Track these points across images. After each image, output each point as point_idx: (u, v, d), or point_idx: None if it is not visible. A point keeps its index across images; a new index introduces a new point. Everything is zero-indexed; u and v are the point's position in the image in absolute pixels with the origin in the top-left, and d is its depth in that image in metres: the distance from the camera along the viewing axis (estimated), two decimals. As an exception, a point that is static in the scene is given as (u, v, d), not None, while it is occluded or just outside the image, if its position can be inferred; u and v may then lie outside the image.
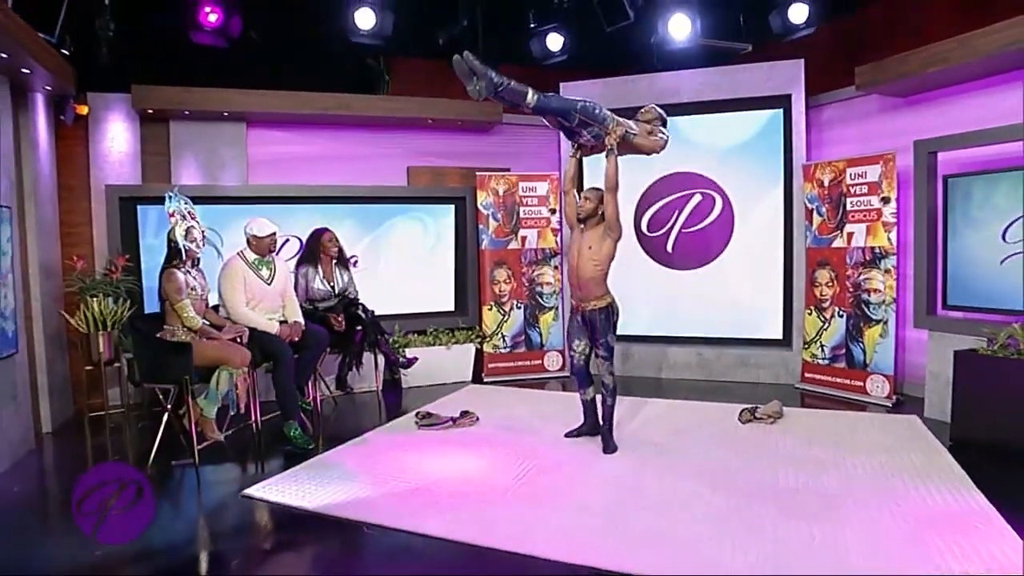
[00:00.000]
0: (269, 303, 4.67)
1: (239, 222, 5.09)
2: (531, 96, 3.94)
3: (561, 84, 6.64)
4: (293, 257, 5.80)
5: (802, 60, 6.05)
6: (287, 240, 5.98)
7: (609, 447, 4.21)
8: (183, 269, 4.19)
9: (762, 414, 4.87)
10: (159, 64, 5.87)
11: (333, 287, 5.32)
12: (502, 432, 4.69)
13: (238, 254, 4.67)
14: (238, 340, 4.31)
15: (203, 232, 4.34)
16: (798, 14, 5.68)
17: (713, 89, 6.27)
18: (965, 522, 3.10)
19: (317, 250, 5.33)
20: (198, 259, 4.34)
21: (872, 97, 5.74)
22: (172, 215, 4.21)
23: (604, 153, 4.15)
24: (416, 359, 5.72)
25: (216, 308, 4.64)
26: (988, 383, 4.17)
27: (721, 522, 3.18)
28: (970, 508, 3.26)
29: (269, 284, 4.67)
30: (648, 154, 4.39)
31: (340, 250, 5.42)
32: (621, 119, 4.23)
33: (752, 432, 4.62)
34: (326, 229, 5.40)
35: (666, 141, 4.38)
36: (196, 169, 6.07)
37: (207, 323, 4.29)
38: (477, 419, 4.93)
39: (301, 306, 4.98)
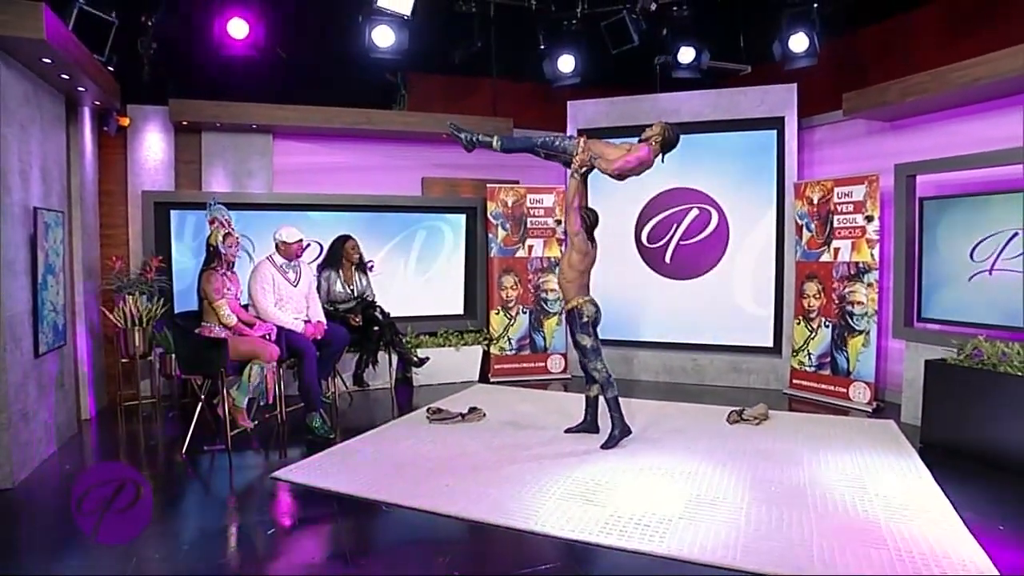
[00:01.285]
0: (295, 303, 5.08)
1: (264, 227, 5.52)
2: (496, 143, 4.67)
3: (568, 103, 7.06)
4: (314, 261, 6.21)
5: (795, 85, 6.43)
6: (308, 245, 6.37)
7: (610, 441, 4.55)
8: (220, 271, 4.60)
9: (748, 416, 5.24)
10: (193, 79, 6.30)
11: (352, 290, 5.74)
12: (507, 427, 5.08)
13: (267, 258, 5.08)
14: (267, 337, 4.71)
15: (238, 239, 4.75)
16: (798, 43, 6.04)
17: (712, 110, 6.66)
18: (919, 512, 3.46)
19: (340, 256, 5.75)
20: (233, 262, 4.74)
21: (859, 121, 6.10)
22: (212, 222, 4.63)
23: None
24: (428, 358, 6.12)
25: (246, 307, 5.05)
26: (955, 390, 4.53)
27: (701, 506, 3.56)
28: (926, 500, 3.63)
29: (295, 286, 5.08)
30: (609, 176, 4.55)
31: (360, 256, 5.84)
32: (596, 145, 4.56)
33: (738, 432, 4.99)
34: (349, 237, 5.82)
35: (629, 165, 4.42)
36: (225, 177, 6.50)
37: (240, 321, 4.69)
38: (484, 415, 5.31)
39: (322, 307, 5.39)
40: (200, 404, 4.63)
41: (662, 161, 4.55)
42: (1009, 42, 4.55)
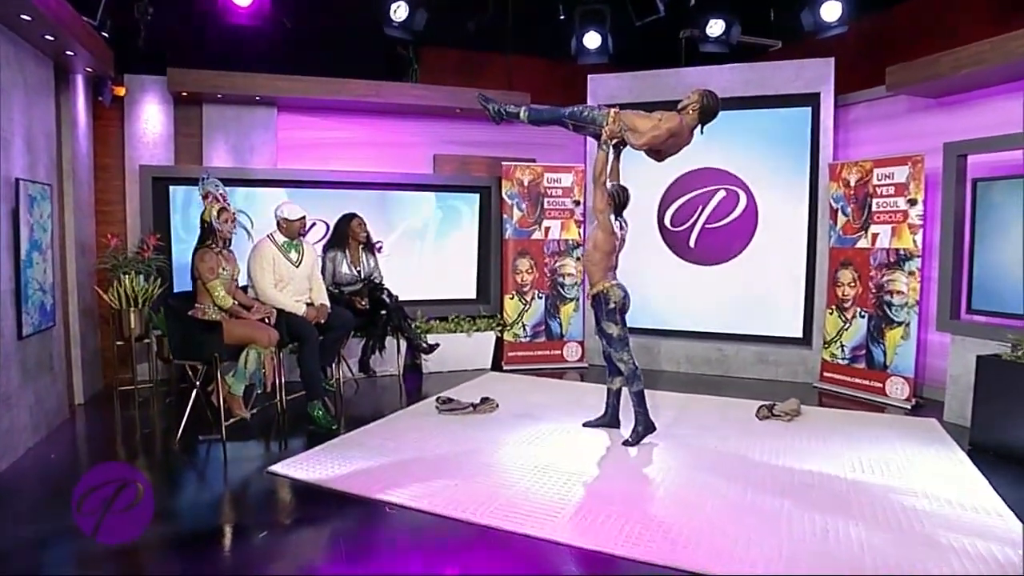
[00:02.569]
0: (297, 285, 4.77)
1: (267, 204, 5.20)
2: (523, 114, 4.48)
3: (589, 77, 6.68)
4: (319, 241, 5.90)
5: (832, 59, 6.01)
6: (313, 224, 6.08)
7: (633, 437, 4.22)
8: (215, 250, 4.29)
9: (780, 411, 4.89)
10: (194, 48, 5.98)
11: (359, 271, 5.43)
12: (521, 419, 4.76)
13: (268, 236, 4.77)
14: (266, 320, 4.41)
15: (234, 214, 4.43)
16: (830, 12, 5.68)
17: (742, 85, 6.25)
18: (980, 525, 3.12)
19: (346, 235, 5.43)
20: (229, 240, 4.43)
21: (901, 97, 5.69)
22: (206, 197, 4.31)
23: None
24: (439, 345, 5.81)
25: (245, 289, 4.75)
26: (1009, 389, 4.15)
27: (735, 514, 3.23)
28: (986, 511, 3.27)
29: (297, 267, 4.77)
30: (637, 149, 4.22)
31: (367, 235, 5.52)
32: (627, 116, 4.18)
33: (769, 428, 4.65)
34: (355, 215, 5.50)
35: (660, 139, 4.08)
36: (226, 152, 6.19)
37: (236, 303, 4.39)
38: (497, 406, 5.00)
39: (327, 289, 5.09)
40: (194, 391, 4.34)
41: (701, 132, 4.18)
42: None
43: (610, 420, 4.54)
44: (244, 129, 6.21)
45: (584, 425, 4.58)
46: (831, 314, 5.95)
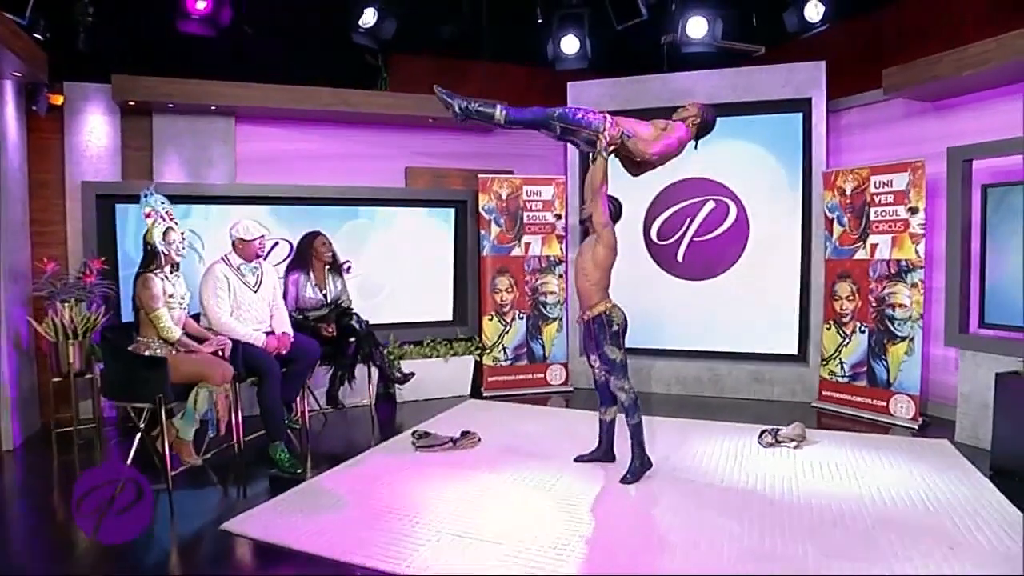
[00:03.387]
0: (255, 312, 4.30)
1: (225, 223, 4.73)
2: (499, 113, 3.82)
3: (569, 84, 6.35)
4: (283, 262, 5.43)
5: (823, 62, 5.77)
6: (276, 243, 5.62)
7: (630, 474, 3.84)
8: (160, 274, 3.80)
9: (784, 437, 4.54)
10: (142, 53, 5.50)
11: (325, 295, 4.96)
12: (506, 455, 4.33)
13: (222, 259, 4.30)
14: (220, 353, 3.93)
15: (182, 234, 3.96)
16: (814, 12, 5.45)
17: (729, 91, 5.96)
18: (1030, 570, 2.78)
19: (309, 255, 4.96)
20: (177, 264, 3.95)
21: (897, 102, 5.45)
22: (149, 215, 3.83)
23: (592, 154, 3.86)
24: (413, 374, 5.37)
25: (196, 317, 4.26)
26: (1034, 409, 3.86)
27: (755, 564, 2.85)
28: (1031, 552, 2.94)
29: (255, 292, 4.30)
30: (647, 159, 3.88)
31: (333, 255, 5.06)
32: (626, 121, 3.85)
33: (775, 457, 4.30)
34: (319, 233, 5.04)
35: (671, 148, 3.81)
36: (180, 166, 5.70)
37: (186, 334, 3.90)
38: (479, 440, 4.57)
39: (290, 315, 4.63)
40: (139, 435, 3.83)
41: (695, 147, 3.87)
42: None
43: (604, 454, 4.14)
44: (199, 141, 5.73)
45: (576, 460, 4.17)
46: (828, 329, 5.65)
